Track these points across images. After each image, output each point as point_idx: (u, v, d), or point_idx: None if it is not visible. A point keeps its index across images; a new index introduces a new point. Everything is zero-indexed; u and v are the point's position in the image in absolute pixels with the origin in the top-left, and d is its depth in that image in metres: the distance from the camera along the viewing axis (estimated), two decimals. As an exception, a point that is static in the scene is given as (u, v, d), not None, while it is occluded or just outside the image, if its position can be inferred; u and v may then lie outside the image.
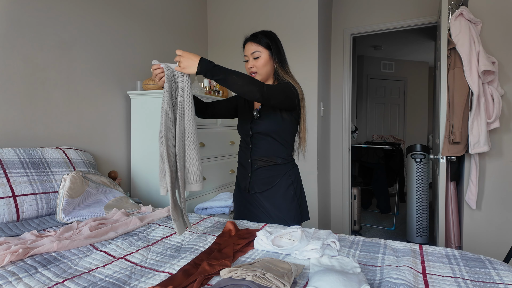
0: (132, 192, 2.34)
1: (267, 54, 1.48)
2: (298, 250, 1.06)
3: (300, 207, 1.53)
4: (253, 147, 1.51)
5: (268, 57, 1.48)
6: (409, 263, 0.98)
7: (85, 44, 2.12)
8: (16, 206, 1.41)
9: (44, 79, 1.89)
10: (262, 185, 1.51)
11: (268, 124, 1.46)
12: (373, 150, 4.25)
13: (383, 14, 3.13)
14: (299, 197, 1.54)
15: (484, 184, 2.16)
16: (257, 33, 1.51)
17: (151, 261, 1.04)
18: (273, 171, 1.50)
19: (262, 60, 1.47)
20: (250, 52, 1.48)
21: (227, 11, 3.26)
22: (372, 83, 5.67)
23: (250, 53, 1.48)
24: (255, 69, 1.48)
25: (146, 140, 2.28)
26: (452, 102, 2.10)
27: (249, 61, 1.49)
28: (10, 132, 1.72)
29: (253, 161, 1.52)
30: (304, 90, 2.94)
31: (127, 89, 2.42)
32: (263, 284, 0.79)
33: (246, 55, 1.50)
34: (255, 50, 1.47)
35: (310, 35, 2.89)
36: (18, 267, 0.95)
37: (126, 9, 2.41)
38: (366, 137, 5.66)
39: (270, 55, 1.48)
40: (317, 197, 2.92)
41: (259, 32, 1.51)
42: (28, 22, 1.80)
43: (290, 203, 1.50)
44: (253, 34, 1.50)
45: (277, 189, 1.50)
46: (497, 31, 2.12)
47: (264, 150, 1.49)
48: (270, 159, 1.50)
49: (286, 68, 1.53)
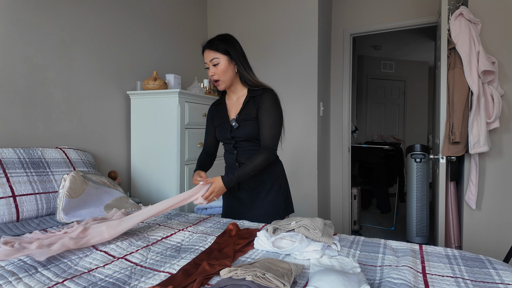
0: (132, 192, 2.34)
1: (226, 59, 1.46)
2: (299, 251, 1.06)
3: (285, 201, 1.59)
4: (238, 151, 1.53)
5: (227, 62, 1.47)
6: (409, 263, 0.98)
7: (85, 44, 2.12)
8: (16, 206, 1.41)
9: (44, 79, 1.89)
10: (250, 184, 1.55)
11: (248, 130, 1.48)
12: (373, 150, 4.25)
13: (383, 14, 3.13)
14: (284, 191, 1.59)
15: (484, 184, 2.17)
16: (213, 39, 1.49)
17: (151, 261, 1.04)
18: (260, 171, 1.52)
19: (221, 66, 1.46)
20: (208, 59, 1.47)
21: (227, 11, 3.26)
22: (372, 83, 5.68)
23: (209, 60, 1.47)
24: (216, 76, 1.48)
25: (146, 140, 2.28)
26: (452, 102, 2.10)
27: (210, 68, 1.48)
28: (10, 132, 1.72)
29: (240, 165, 1.53)
30: (304, 90, 2.95)
31: (127, 89, 2.42)
32: (263, 284, 0.79)
33: (206, 62, 1.49)
34: (213, 57, 1.46)
35: (310, 35, 2.89)
36: (18, 267, 0.95)
37: (126, 9, 2.41)
38: (366, 137, 5.66)
39: (229, 60, 1.47)
40: (317, 197, 2.92)
41: (216, 37, 1.49)
42: (28, 22, 1.80)
43: (275, 197, 1.56)
44: (209, 41, 1.49)
45: (263, 186, 1.55)
46: (497, 31, 2.12)
47: (249, 153, 1.51)
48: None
49: (248, 71, 1.52)
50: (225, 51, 1.46)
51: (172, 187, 2.19)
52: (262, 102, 1.47)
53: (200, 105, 2.36)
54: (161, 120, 2.22)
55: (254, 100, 1.50)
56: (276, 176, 1.57)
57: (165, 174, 2.21)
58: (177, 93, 2.15)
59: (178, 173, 2.17)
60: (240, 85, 1.54)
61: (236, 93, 1.56)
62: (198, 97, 2.35)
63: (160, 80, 2.25)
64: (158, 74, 2.63)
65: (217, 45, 1.46)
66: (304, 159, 2.96)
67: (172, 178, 2.18)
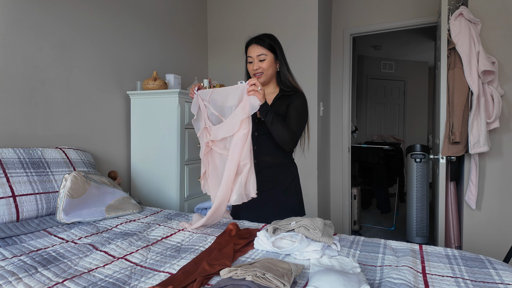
0: (132, 192, 2.34)
1: (272, 57, 1.53)
2: (299, 251, 1.06)
3: (299, 203, 1.60)
4: (258, 148, 1.54)
5: (273, 60, 1.53)
6: (409, 263, 0.98)
7: (85, 44, 2.12)
8: (16, 206, 1.41)
9: (44, 79, 1.89)
10: (267, 184, 1.53)
11: None
12: (373, 150, 4.25)
13: (383, 14, 3.13)
14: (298, 193, 1.61)
15: (484, 184, 2.16)
16: (262, 35, 1.54)
17: (151, 261, 1.04)
18: (277, 170, 1.54)
19: (267, 62, 1.52)
20: (255, 54, 1.51)
21: (227, 11, 3.26)
22: (372, 83, 5.67)
23: (256, 55, 1.51)
24: (261, 70, 1.52)
25: (146, 140, 2.28)
26: (452, 102, 2.10)
27: (254, 62, 1.52)
28: (10, 132, 1.72)
29: (259, 162, 1.54)
30: (304, 90, 2.92)
31: (127, 89, 2.42)
32: (263, 284, 0.79)
33: (251, 56, 1.53)
34: (261, 52, 1.51)
35: (310, 35, 2.89)
36: (18, 267, 0.95)
37: (126, 9, 2.41)
38: (366, 137, 5.66)
39: (274, 58, 1.53)
40: (317, 197, 2.92)
41: (264, 35, 1.55)
42: (28, 22, 1.80)
43: (291, 198, 1.56)
44: (257, 37, 1.54)
45: (280, 186, 1.55)
46: (497, 31, 2.11)
47: (269, 150, 1.53)
48: (275, 159, 1.54)
49: (289, 71, 1.58)
50: (272, 49, 1.53)
51: (172, 187, 2.19)
52: (293, 100, 1.51)
53: (200, 105, 2.36)
54: (161, 120, 2.22)
55: (285, 98, 1.54)
56: (292, 177, 1.59)
57: (165, 174, 2.21)
58: (177, 93, 2.15)
59: (178, 173, 2.17)
60: (274, 84, 1.60)
61: (268, 90, 1.60)
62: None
63: (160, 80, 2.25)
64: (158, 74, 2.63)
65: (266, 42, 1.52)
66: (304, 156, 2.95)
67: (172, 178, 2.18)
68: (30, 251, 1.10)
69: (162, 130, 2.21)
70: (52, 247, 1.14)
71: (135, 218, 1.55)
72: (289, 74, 1.57)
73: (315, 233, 1.09)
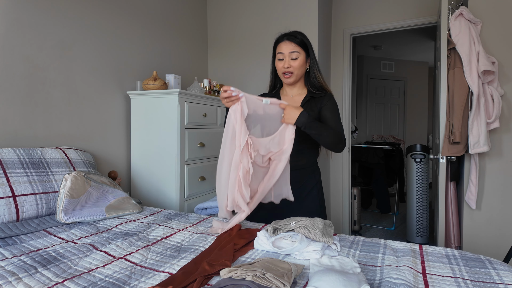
0: (132, 192, 2.34)
1: (304, 55, 1.47)
2: (299, 251, 1.06)
3: (321, 207, 1.55)
4: None
5: (304, 58, 1.47)
6: (409, 263, 0.98)
7: (85, 44, 2.12)
8: (16, 206, 1.41)
9: (44, 79, 1.89)
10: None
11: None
12: (373, 150, 4.25)
13: (383, 14, 3.13)
14: (321, 198, 1.56)
15: (484, 184, 2.16)
16: (295, 32, 1.48)
17: (151, 261, 1.04)
18: (301, 172, 1.50)
19: (299, 61, 1.46)
20: (288, 51, 1.45)
21: (227, 11, 3.26)
22: (372, 83, 5.67)
23: (289, 52, 1.44)
24: (292, 69, 1.46)
25: (146, 140, 2.28)
26: (452, 102, 2.10)
27: (285, 60, 1.46)
28: (10, 132, 1.72)
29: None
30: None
31: (127, 89, 2.42)
32: (263, 284, 0.79)
33: (283, 53, 1.46)
34: (294, 50, 1.44)
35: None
36: (18, 267, 0.95)
37: (126, 9, 2.41)
38: (366, 137, 5.65)
39: (306, 57, 1.48)
40: (317, 197, 2.92)
41: (296, 32, 1.49)
42: (28, 22, 1.80)
43: (314, 201, 1.52)
44: (290, 33, 1.48)
45: (303, 189, 1.51)
46: (497, 31, 2.11)
47: (297, 154, 1.45)
48: (299, 161, 1.48)
49: (320, 72, 1.52)
50: (304, 47, 1.47)
51: (172, 187, 2.19)
52: (325, 102, 1.47)
53: (200, 105, 2.36)
54: (161, 120, 2.22)
55: (315, 101, 1.49)
56: (315, 181, 1.54)
57: (165, 174, 2.21)
58: (177, 93, 2.15)
59: (178, 173, 2.17)
60: (302, 84, 1.54)
61: (294, 91, 1.55)
62: (198, 97, 2.35)
63: (160, 80, 2.25)
64: (158, 74, 2.63)
65: (299, 39, 1.46)
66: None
67: (172, 178, 2.18)
68: (30, 251, 1.10)
69: (162, 130, 2.21)
70: (52, 247, 1.14)
71: (135, 218, 1.55)
72: (320, 75, 1.51)
73: (315, 233, 1.09)
